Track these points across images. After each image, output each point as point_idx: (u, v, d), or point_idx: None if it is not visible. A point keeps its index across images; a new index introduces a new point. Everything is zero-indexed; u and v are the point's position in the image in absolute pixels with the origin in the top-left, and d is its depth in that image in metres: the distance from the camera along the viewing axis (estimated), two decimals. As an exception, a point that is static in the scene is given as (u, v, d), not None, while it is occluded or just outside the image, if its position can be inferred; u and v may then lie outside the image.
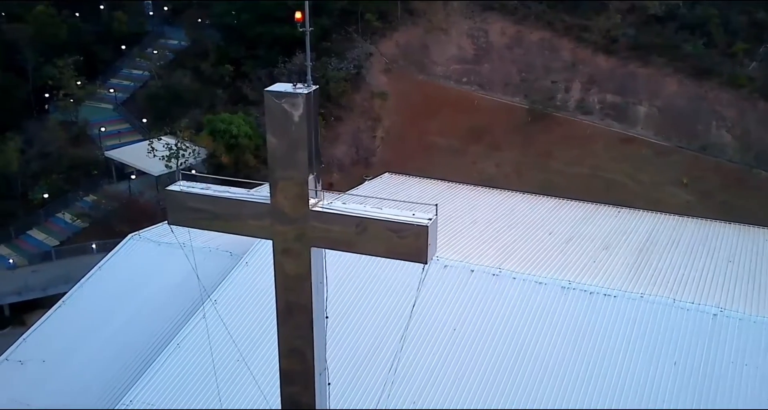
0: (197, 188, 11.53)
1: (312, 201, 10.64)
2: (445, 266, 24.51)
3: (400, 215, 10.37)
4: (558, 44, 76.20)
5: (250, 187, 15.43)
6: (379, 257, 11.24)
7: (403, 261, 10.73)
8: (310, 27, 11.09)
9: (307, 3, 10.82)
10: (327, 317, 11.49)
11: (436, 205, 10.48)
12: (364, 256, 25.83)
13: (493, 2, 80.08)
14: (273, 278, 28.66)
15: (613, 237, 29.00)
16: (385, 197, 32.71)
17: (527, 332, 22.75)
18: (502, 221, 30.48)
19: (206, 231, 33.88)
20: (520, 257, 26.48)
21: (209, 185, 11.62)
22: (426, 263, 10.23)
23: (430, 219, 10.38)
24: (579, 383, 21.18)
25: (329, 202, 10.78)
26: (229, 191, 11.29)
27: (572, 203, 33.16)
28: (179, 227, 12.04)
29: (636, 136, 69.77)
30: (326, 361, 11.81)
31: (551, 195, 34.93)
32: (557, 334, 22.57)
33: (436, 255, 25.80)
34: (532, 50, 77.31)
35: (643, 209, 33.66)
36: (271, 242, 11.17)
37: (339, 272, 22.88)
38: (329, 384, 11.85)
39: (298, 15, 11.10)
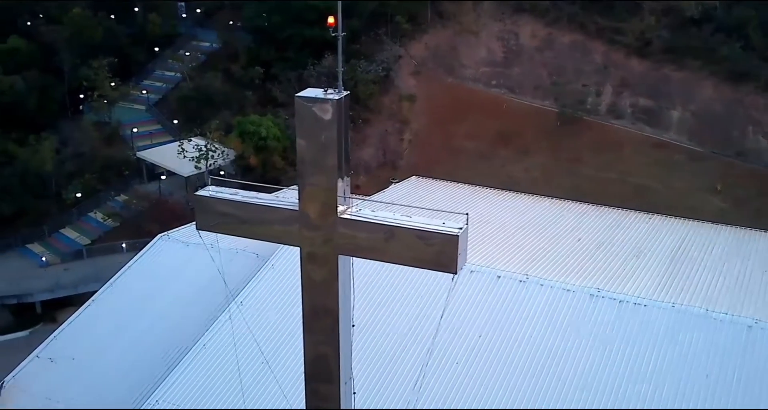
0: (226, 193, 11.41)
1: (341, 208, 10.54)
2: (471, 271, 24.22)
3: (429, 224, 10.18)
4: (590, 47, 75.50)
5: (277, 191, 15.35)
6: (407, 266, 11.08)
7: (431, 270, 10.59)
8: (342, 31, 10.83)
9: (339, 8, 10.60)
10: (353, 325, 11.37)
11: (467, 214, 10.23)
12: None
13: (524, 4, 79.56)
14: (298, 283, 28.65)
15: (644, 244, 28.43)
16: (413, 201, 32.60)
17: (554, 340, 22.35)
18: (529, 227, 30.10)
19: (234, 233, 33.89)
20: (547, 264, 26.06)
21: (238, 190, 11.48)
22: (455, 274, 10.05)
23: (461, 228, 10.11)
24: (607, 394, 20.75)
25: (358, 209, 10.66)
26: (257, 197, 11.17)
27: (602, 208, 32.64)
28: (207, 232, 11.84)
29: (669, 141, 68.86)
30: (352, 370, 11.67)
31: (580, 200, 34.49)
32: (585, 343, 22.13)
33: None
34: (563, 53, 76.70)
35: (676, 215, 33.04)
36: (298, 248, 11.11)
37: (365, 276, 22.83)
38: (354, 393, 11.73)
39: (330, 20, 10.80)
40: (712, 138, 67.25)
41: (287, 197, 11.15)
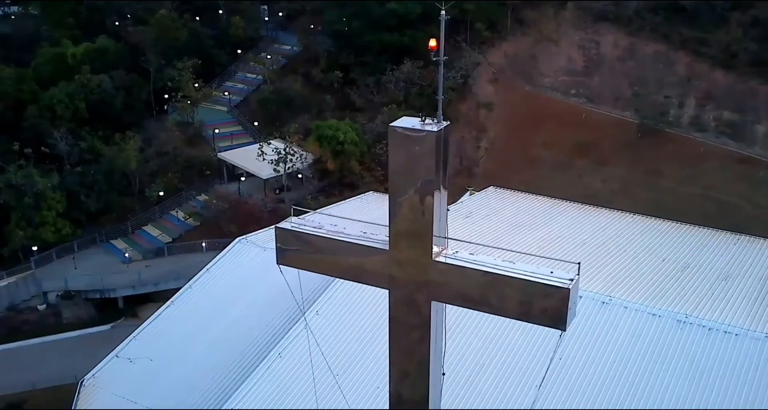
0: (309, 226, 10.28)
1: (436, 249, 9.47)
2: None
3: (536, 273, 8.99)
4: (673, 58, 73.67)
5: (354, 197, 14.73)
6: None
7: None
8: (444, 56, 10.00)
9: (442, 28, 9.70)
10: (444, 373, 10.51)
11: (579, 263, 9.07)
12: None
13: (607, 12, 78.16)
14: (375, 293, 28.47)
15: (732, 267, 26.95)
16: (490, 213, 31.98)
17: (638, 367, 21.34)
18: (611, 244, 28.92)
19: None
20: (631, 285, 24.88)
21: (322, 224, 10.36)
22: (564, 330, 8.97)
23: (572, 280, 8.87)
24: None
25: (455, 251, 9.61)
26: (343, 233, 10.03)
27: (686, 227, 31.06)
28: (288, 267, 10.78)
29: (753, 156, 66.57)
30: None
31: (660, 215, 33.32)
32: (672, 372, 21.05)
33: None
34: (645, 63, 75.05)
35: (762, 235, 31.48)
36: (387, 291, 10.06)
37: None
38: None
39: (432, 43, 10.06)
40: (800, 154, 64.77)
41: (376, 233, 10.02)
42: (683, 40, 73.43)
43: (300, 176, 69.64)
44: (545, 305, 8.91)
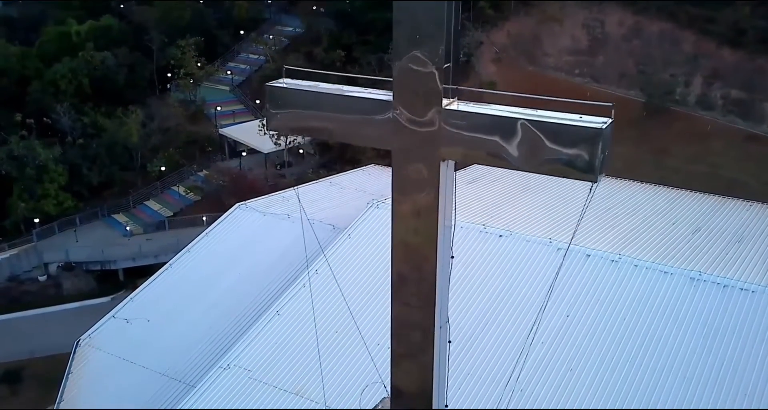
0: (303, 84, 9.04)
1: (445, 101, 8.13)
2: (558, 249, 23.06)
3: (563, 118, 7.66)
4: (680, 36, 72.99)
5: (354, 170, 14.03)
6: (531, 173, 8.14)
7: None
8: None
9: None
10: (453, 257, 8.90)
11: (612, 104, 7.72)
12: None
13: (613, -8, 77.61)
14: (375, 253, 27.73)
15: (745, 230, 25.98)
16: (498, 177, 31.18)
17: (650, 324, 20.51)
18: (618, 208, 27.82)
19: (310, 203, 33.38)
20: (641, 245, 23.92)
21: (317, 83, 9.14)
22: (596, 182, 7.68)
23: (605, 122, 7.63)
24: (709, 384, 18.91)
25: (467, 102, 8.23)
26: (341, 89, 8.84)
27: (696, 194, 30.00)
28: (280, 133, 9.89)
29: (761, 134, 66.03)
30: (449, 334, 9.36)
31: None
32: (685, 329, 20.22)
33: (548, 238, 24.05)
34: (651, 42, 74.40)
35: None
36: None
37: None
38: (450, 341, 9.31)
39: None
40: (808, 133, 64.22)
41: (379, 91, 8.77)
42: (690, 18, 72.74)
43: (301, 151, 69.33)
44: (574, 152, 7.54)
